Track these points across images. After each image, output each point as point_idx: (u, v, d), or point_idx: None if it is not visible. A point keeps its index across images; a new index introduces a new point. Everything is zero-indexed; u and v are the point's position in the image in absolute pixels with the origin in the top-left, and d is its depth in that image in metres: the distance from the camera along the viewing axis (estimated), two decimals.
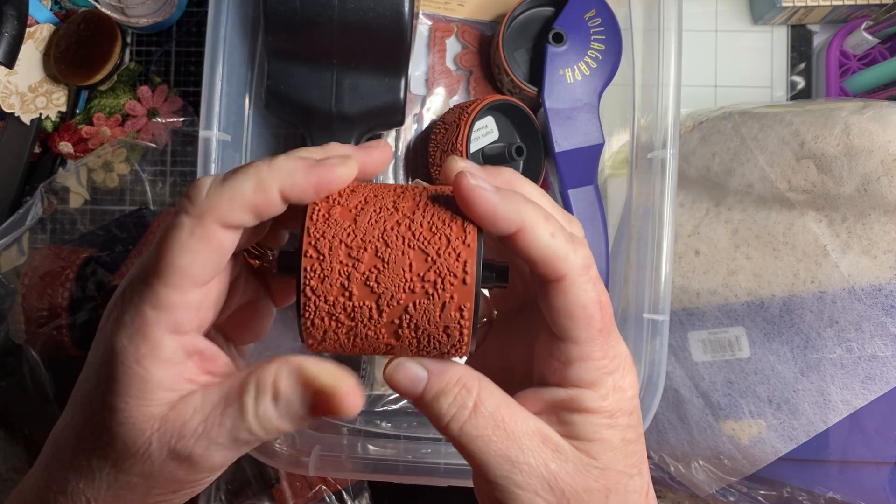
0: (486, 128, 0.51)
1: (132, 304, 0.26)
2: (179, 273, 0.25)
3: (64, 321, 0.57)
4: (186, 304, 0.26)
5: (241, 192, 0.25)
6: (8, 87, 0.64)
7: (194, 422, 0.25)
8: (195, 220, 0.25)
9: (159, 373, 0.25)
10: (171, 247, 0.25)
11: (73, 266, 0.59)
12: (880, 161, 0.46)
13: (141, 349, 0.25)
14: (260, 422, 0.25)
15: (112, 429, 0.26)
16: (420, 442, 0.52)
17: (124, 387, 0.25)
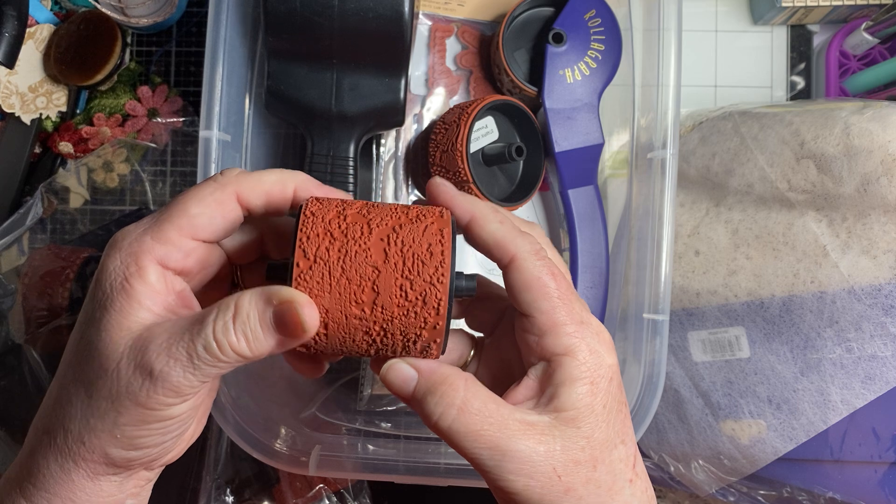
0: (486, 128, 0.51)
1: (134, 231, 0.29)
2: (187, 218, 0.28)
3: (64, 321, 0.57)
4: (180, 245, 0.29)
5: (264, 180, 0.30)
6: (8, 87, 0.64)
7: (160, 339, 0.27)
8: (218, 185, 0.29)
9: (143, 291, 0.28)
10: (188, 196, 0.29)
11: (74, 266, 0.59)
12: (880, 161, 0.46)
13: (130, 268, 0.28)
14: (216, 337, 0.27)
15: (93, 343, 0.28)
16: (420, 442, 0.52)
17: (111, 299, 0.28)
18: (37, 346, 0.59)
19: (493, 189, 0.51)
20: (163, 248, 0.28)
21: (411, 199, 0.56)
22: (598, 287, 0.51)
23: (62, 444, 0.28)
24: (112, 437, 0.28)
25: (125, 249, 0.28)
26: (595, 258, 0.51)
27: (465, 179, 0.48)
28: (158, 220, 0.29)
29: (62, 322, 0.57)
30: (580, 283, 0.51)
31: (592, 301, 0.51)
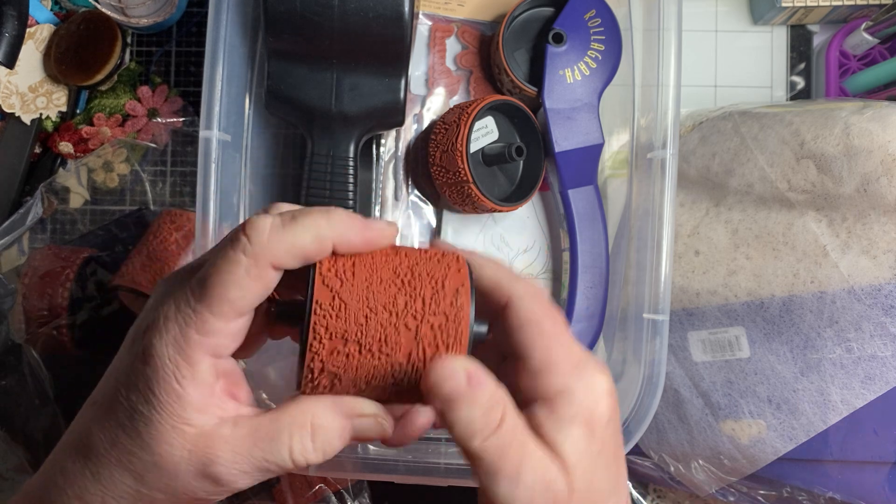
0: (486, 128, 0.51)
1: (177, 324, 0.27)
2: (228, 305, 0.27)
3: (64, 321, 0.57)
4: (229, 332, 0.28)
5: (301, 243, 0.28)
6: (8, 88, 0.65)
7: (226, 453, 0.27)
8: (252, 260, 0.27)
9: (195, 393, 0.27)
10: (225, 281, 0.27)
11: (74, 266, 0.59)
12: (880, 161, 0.46)
13: (182, 369, 0.27)
14: (294, 457, 0.27)
15: (143, 439, 0.27)
16: (420, 442, 0.52)
17: (160, 401, 0.27)
18: (37, 346, 0.59)
19: (492, 189, 0.51)
20: (211, 341, 0.27)
21: (411, 198, 0.56)
22: (598, 287, 0.51)
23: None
24: None
25: (171, 343, 0.27)
26: (595, 258, 0.51)
27: (464, 179, 0.48)
28: (197, 308, 0.27)
29: (62, 322, 0.57)
30: (580, 283, 0.51)
31: (592, 301, 0.51)
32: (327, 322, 0.28)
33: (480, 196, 0.48)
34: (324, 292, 0.28)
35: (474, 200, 0.49)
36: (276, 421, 0.28)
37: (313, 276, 0.28)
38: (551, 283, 0.55)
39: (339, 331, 0.27)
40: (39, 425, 0.59)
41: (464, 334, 0.28)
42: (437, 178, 0.51)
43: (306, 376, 0.28)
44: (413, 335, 0.28)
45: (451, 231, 0.54)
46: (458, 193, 0.50)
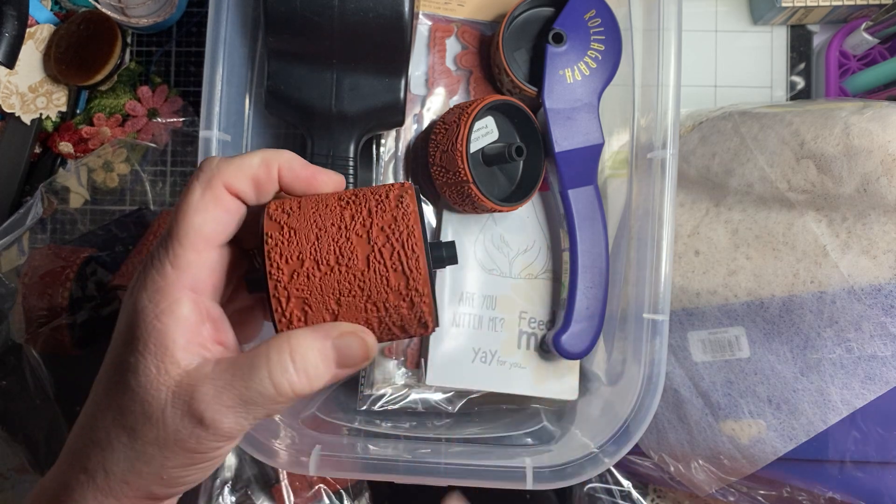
0: (486, 128, 0.51)
1: (153, 266, 0.28)
2: (194, 232, 0.28)
3: (64, 321, 0.57)
4: (202, 263, 0.28)
5: (248, 164, 0.29)
6: (8, 88, 0.65)
7: (207, 386, 0.27)
8: (205, 183, 0.28)
9: (177, 330, 0.27)
10: (184, 208, 0.28)
11: (74, 266, 0.59)
12: (880, 161, 0.46)
13: (160, 305, 0.27)
14: (274, 379, 0.27)
15: (131, 388, 0.27)
16: (420, 442, 0.52)
17: (144, 343, 0.27)
18: (37, 346, 0.59)
19: (493, 189, 0.51)
20: (187, 274, 0.28)
21: None
22: (598, 287, 0.51)
23: (103, 483, 0.28)
24: (158, 478, 0.28)
25: (149, 285, 0.27)
26: (595, 258, 0.51)
27: (464, 179, 0.48)
28: (170, 246, 0.28)
29: (62, 322, 0.57)
30: (580, 283, 0.51)
31: (592, 301, 0.51)
32: (280, 248, 0.28)
33: (480, 196, 0.48)
34: (272, 225, 0.29)
35: (474, 200, 0.49)
36: (254, 350, 0.28)
37: (262, 218, 0.29)
38: (551, 283, 0.55)
39: (294, 253, 0.28)
40: (39, 425, 0.59)
41: (415, 229, 0.29)
42: (437, 178, 0.51)
43: (276, 309, 0.29)
44: (365, 240, 0.28)
45: (451, 231, 0.54)
46: (458, 193, 0.50)
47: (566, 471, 0.47)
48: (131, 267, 0.59)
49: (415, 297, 0.29)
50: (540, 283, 0.55)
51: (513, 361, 0.53)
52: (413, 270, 0.28)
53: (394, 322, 0.29)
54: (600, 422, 0.49)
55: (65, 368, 0.60)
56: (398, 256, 0.28)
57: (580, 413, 0.55)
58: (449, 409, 0.54)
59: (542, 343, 0.54)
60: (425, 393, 0.54)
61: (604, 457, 0.47)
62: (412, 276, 0.28)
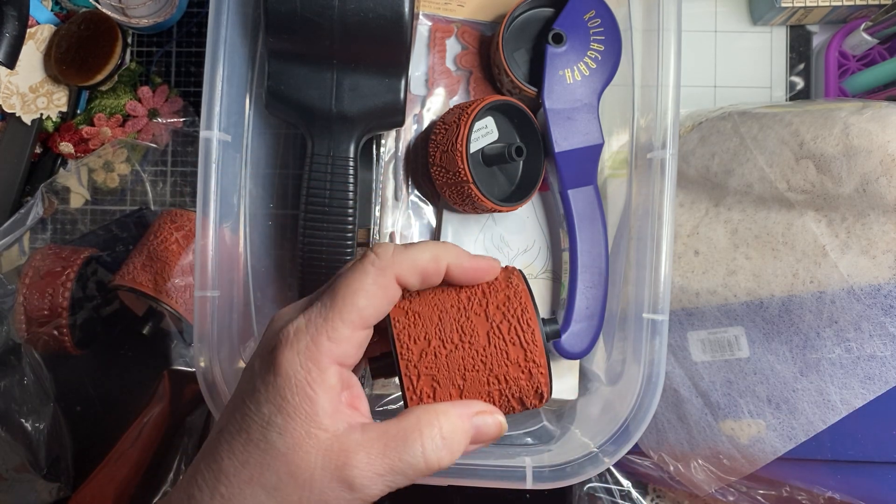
0: (486, 128, 0.51)
1: (309, 334, 0.29)
2: (357, 312, 0.29)
3: (65, 321, 0.57)
4: (355, 340, 0.30)
5: (420, 259, 0.31)
6: (9, 88, 0.65)
7: (360, 455, 0.28)
8: (379, 270, 0.30)
9: (324, 397, 0.28)
10: (355, 289, 0.30)
11: (74, 266, 0.59)
12: (879, 161, 0.46)
13: (312, 373, 0.28)
14: (426, 456, 0.29)
15: (277, 448, 0.28)
16: None
17: (294, 407, 0.28)
18: (37, 346, 0.59)
19: (492, 189, 0.51)
20: (339, 347, 0.29)
21: (411, 198, 0.56)
22: (598, 287, 0.51)
23: None
24: None
25: (303, 352, 0.29)
26: (595, 258, 0.51)
27: (464, 179, 0.48)
28: (328, 316, 0.29)
29: (63, 322, 0.57)
30: (580, 283, 0.51)
31: (592, 301, 0.51)
32: (408, 331, 0.31)
33: (480, 196, 0.48)
34: (397, 311, 0.32)
35: (474, 200, 0.49)
36: (403, 422, 0.29)
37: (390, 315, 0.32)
38: (551, 283, 0.55)
39: (421, 334, 0.31)
40: (40, 425, 0.59)
41: (528, 305, 0.31)
42: (437, 178, 0.51)
43: (408, 387, 0.31)
44: (484, 318, 0.31)
45: (451, 231, 0.54)
46: (458, 193, 0.50)
47: (566, 470, 0.47)
48: (132, 267, 0.59)
49: (532, 368, 0.31)
50: (540, 283, 0.55)
51: None
52: (530, 343, 0.31)
53: (513, 394, 0.32)
54: (600, 421, 0.49)
55: (65, 368, 0.60)
56: (515, 331, 0.31)
57: (580, 413, 0.55)
58: None
59: None
60: None
61: (603, 456, 0.47)
62: (529, 349, 0.31)
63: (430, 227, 0.56)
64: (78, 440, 0.59)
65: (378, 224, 0.55)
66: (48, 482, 0.58)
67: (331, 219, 0.47)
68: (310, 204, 0.47)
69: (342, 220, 0.48)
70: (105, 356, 0.61)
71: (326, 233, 0.47)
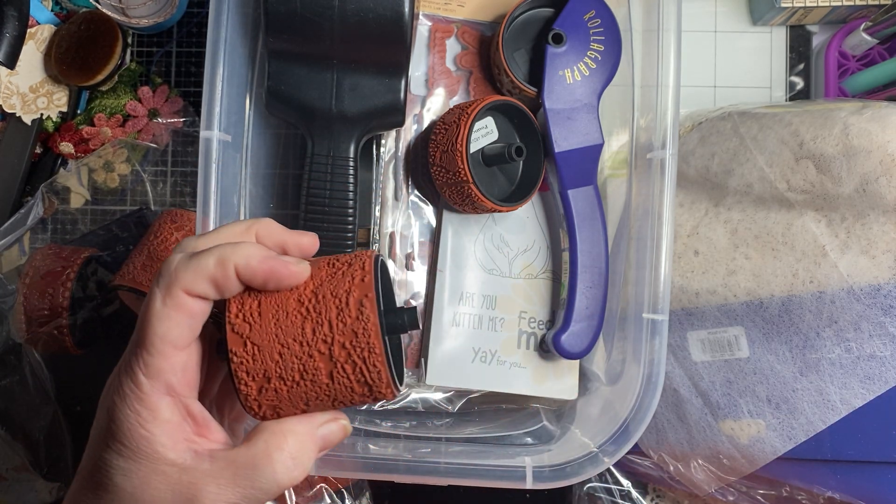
0: (486, 128, 0.51)
1: (127, 374, 0.29)
2: (160, 340, 0.28)
3: (65, 321, 0.57)
4: (172, 367, 0.29)
5: (204, 266, 0.29)
6: (9, 88, 0.65)
7: (211, 488, 0.28)
8: (164, 290, 0.28)
9: (162, 434, 0.28)
10: (148, 317, 0.28)
11: (74, 266, 0.59)
12: (879, 161, 0.46)
13: (142, 413, 0.28)
14: (278, 480, 0.29)
15: (128, 492, 0.28)
16: (420, 441, 0.52)
17: (133, 450, 0.28)
18: (37, 346, 0.59)
19: (492, 189, 0.51)
20: (160, 380, 0.28)
21: (411, 198, 0.56)
22: (598, 287, 0.51)
23: None
24: None
25: (128, 395, 0.28)
26: (595, 258, 0.51)
27: (464, 179, 0.48)
28: (136, 352, 0.29)
29: (63, 322, 0.57)
30: (580, 283, 0.51)
31: (592, 301, 0.51)
32: (246, 367, 0.29)
33: (480, 196, 0.48)
34: (235, 339, 0.29)
35: (474, 200, 0.49)
36: (252, 447, 0.29)
37: (224, 324, 0.30)
38: (551, 283, 0.55)
39: (259, 372, 0.29)
40: (40, 425, 0.59)
41: (375, 345, 0.29)
42: (437, 178, 0.51)
43: (251, 414, 0.30)
44: (328, 357, 0.29)
45: (451, 231, 0.54)
46: (458, 193, 0.50)
47: (566, 470, 0.47)
48: (132, 267, 0.59)
49: (378, 395, 0.31)
50: (540, 282, 0.55)
51: (512, 361, 0.53)
52: (376, 381, 0.30)
53: (358, 406, 0.32)
54: (600, 421, 0.49)
55: (65, 368, 0.60)
56: (360, 372, 0.30)
57: (580, 413, 0.55)
58: (449, 408, 0.54)
59: (542, 343, 0.54)
60: (425, 392, 0.54)
61: (603, 456, 0.47)
62: (375, 385, 0.30)
63: (430, 227, 0.56)
64: (78, 440, 0.59)
65: (378, 224, 0.55)
66: (48, 482, 0.58)
67: (331, 218, 0.47)
68: (310, 204, 0.48)
69: (342, 219, 0.48)
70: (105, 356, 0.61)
71: (326, 232, 0.47)
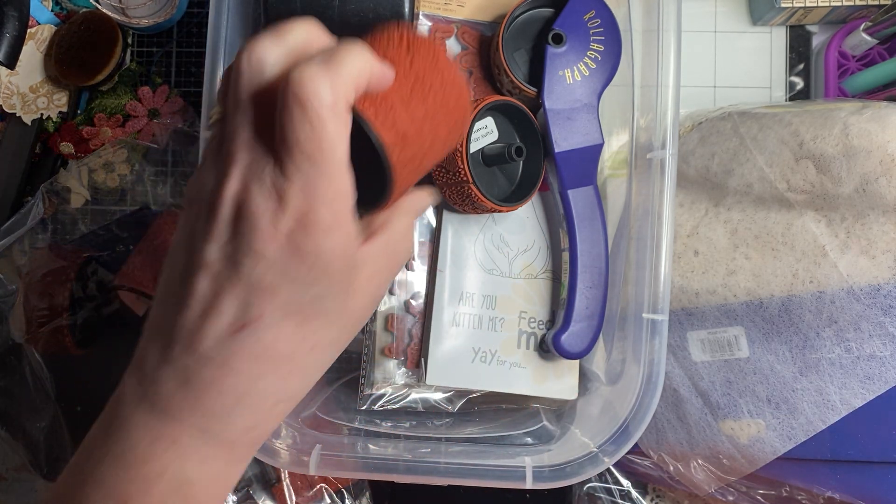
0: (486, 128, 0.51)
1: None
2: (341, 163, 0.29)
3: (65, 321, 0.58)
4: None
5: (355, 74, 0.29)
6: (9, 88, 0.65)
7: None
8: (332, 106, 0.27)
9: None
10: (325, 141, 0.28)
11: (74, 266, 0.59)
12: (879, 161, 0.46)
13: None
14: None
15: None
16: (420, 441, 0.52)
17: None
18: (38, 346, 0.59)
19: (492, 189, 0.51)
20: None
21: None
22: (598, 287, 0.51)
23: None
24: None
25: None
26: (595, 258, 0.51)
27: (464, 179, 0.48)
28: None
29: (63, 322, 0.57)
30: (580, 283, 0.51)
31: (592, 301, 0.51)
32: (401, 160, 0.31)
33: (480, 196, 0.48)
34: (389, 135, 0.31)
35: (474, 200, 0.49)
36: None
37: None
38: (551, 283, 0.55)
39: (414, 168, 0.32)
40: (40, 425, 0.59)
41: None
42: (437, 178, 0.51)
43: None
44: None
45: (451, 231, 0.54)
46: (458, 193, 0.50)
47: (566, 470, 0.47)
48: (132, 267, 0.59)
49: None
50: (540, 282, 0.55)
51: (512, 361, 0.53)
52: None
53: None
54: (600, 421, 0.49)
55: (65, 368, 0.60)
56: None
57: (580, 413, 0.55)
58: (449, 408, 0.54)
59: (542, 343, 0.54)
60: (425, 392, 0.54)
61: (603, 456, 0.47)
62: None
63: (430, 227, 0.56)
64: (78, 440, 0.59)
65: None
66: (48, 482, 0.58)
67: None
68: None
69: None
70: (105, 356, 0.61)
71: None
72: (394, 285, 0.54)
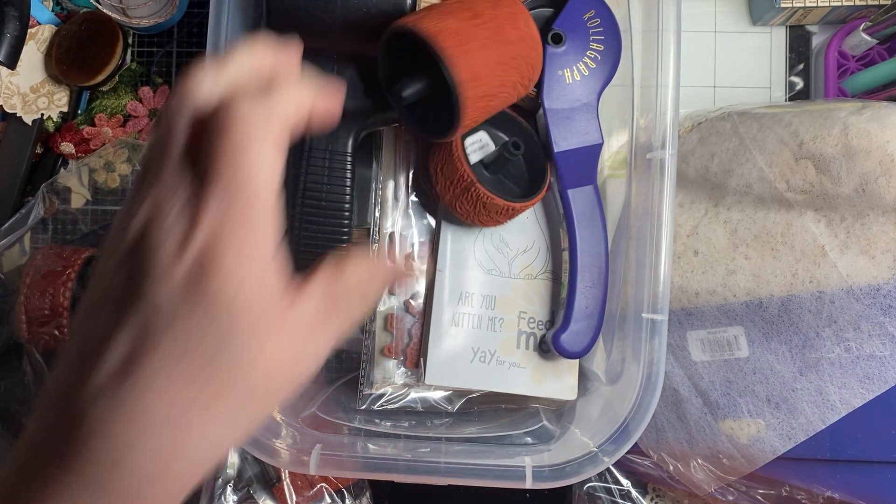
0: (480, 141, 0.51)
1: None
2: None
3: (65, 320, 0.58)
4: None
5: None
6: (10, 88, 0.65)
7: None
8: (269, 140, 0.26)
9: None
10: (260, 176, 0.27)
11: (75, 266, 0.59)
12: (878, 161, 0.46)
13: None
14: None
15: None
16: (420, 441, 0.52)
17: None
18: (38, 346, 0.59)
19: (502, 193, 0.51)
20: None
21: (411, 199, 0.56)
22: (598, 287, 0.51)
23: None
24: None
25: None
26: (594, 258, 0.51)
27: (469, 181, 0.48)
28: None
29: (64, 322, 0.58)
30: (579, 283, 0.51)
31: (591, 301, 0.51)
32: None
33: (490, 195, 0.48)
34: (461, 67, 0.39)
35: (485, 203, 0.48)
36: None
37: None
38: (551, 283, 0.56)
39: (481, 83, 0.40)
40: None
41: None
42: (444, 194, 0.51)
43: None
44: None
45: (451, 231, 0.54)
46: (468, 202, 0.49)
47: (565, 470, 0.47)
48: None
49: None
50: (539, 282, 0.55)
51: (512, 361, 0.53)
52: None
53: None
54: (600, 421, 0.49)
55: None
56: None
57: (579, 412, 0.55)
58: (448, 408, 0.54)
59: (542, 343, 0.54)
60: (425, 392, 0.54)
61: (603, 456, 0.47)
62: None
63: (430, 227, 0.56)
64: None
65: (377, 224, 0.55)
66: None
67: (327, 213, 0.47)
68: (306, 199, 0.47)
69: (338, 215, 0.47)
70: None
71: (322, 227, 0.47)
72: (394, 285, 0.54)
